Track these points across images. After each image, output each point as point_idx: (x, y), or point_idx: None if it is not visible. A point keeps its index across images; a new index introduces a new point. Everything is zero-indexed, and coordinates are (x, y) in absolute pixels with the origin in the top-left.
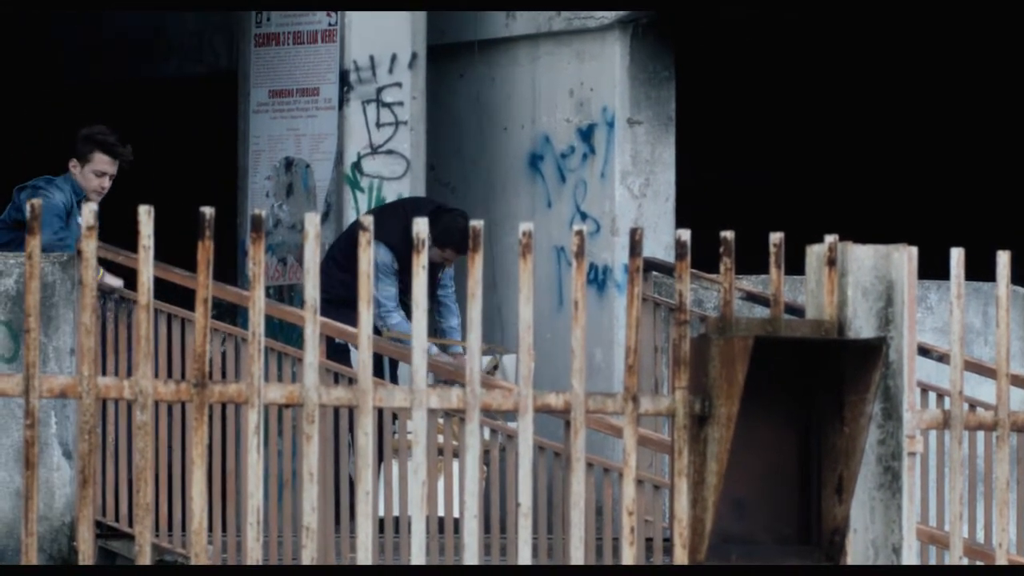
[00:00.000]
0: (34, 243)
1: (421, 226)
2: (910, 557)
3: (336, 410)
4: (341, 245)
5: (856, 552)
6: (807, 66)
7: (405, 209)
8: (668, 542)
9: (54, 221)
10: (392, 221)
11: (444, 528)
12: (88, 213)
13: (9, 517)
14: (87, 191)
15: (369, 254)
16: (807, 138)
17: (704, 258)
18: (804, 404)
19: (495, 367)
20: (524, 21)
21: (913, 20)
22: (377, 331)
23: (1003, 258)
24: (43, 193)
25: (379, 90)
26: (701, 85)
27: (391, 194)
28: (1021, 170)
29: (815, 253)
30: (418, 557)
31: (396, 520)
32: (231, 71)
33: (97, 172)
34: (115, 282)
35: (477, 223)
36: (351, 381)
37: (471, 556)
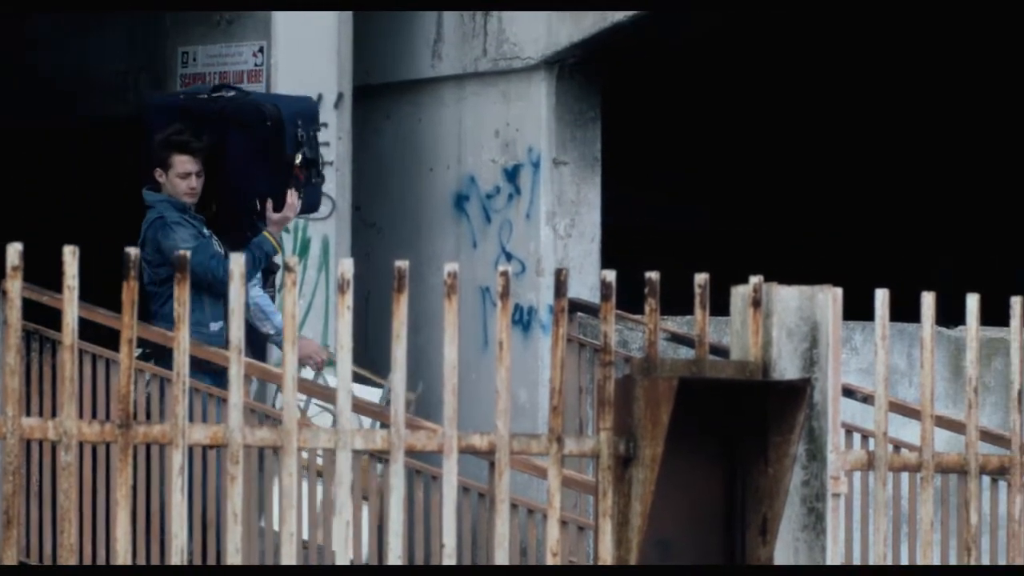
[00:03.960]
0: None
1: (346, 266)
2: None
3: (260, 451)
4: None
5: None
6: (732, 107)
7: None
8: None
9: (206, 257)
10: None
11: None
12: (12, 253)
13: None
14: (178, 196)
15: (294, 295)
16: (733, 180)
17: (629, 299)
18: (729, 445)
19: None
20: (450, 62)
21: (838, 56)
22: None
23: (927, 300)
24: (175, 239)
25: None
26: (628, 126)
27: (316, 234)
28: (944, 212)
29: (740, 294)
30: None
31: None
32: None
33: (181, 175)
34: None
35: (402, 263)
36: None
37: None
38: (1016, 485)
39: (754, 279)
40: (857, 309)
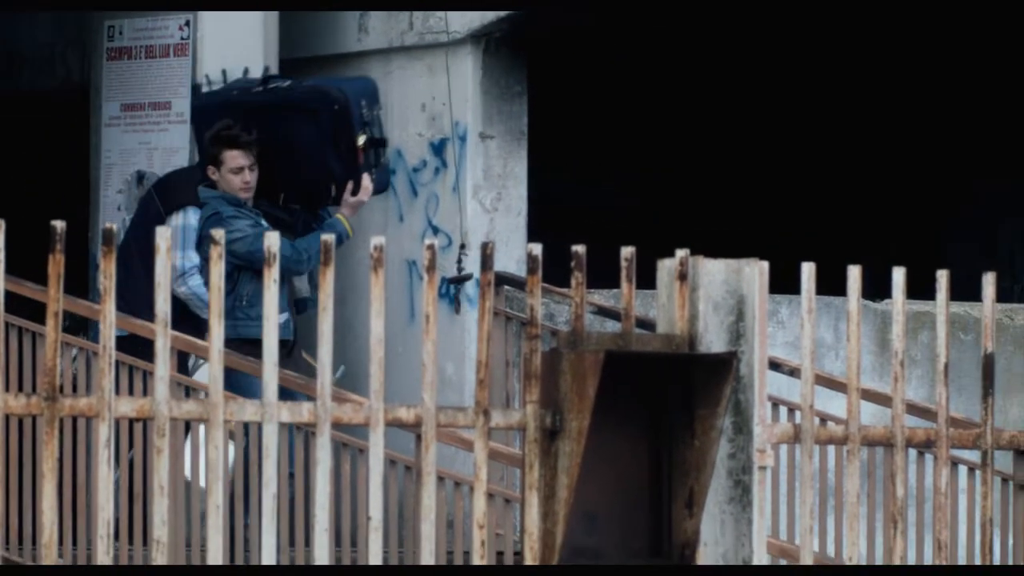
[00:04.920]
0: None
1: (272, 240)
2: None
3: (186, 424)
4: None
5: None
6: (662, 81)
7: (186, 172)
8: (519, 556)
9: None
10: (187, 186)
11: (295, 541)
12: None
13: None
14: (233, 192)
15: (220, 268)
16: (661, 153)
17: (557, 272)
18: (656, 418)
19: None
20: (376, 36)
21: (764, 34)
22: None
23: (854, 272)
24: (233, 231)
25: None
26: (556, 100)
27: None
28: (871, 186)
29: (666, 267)
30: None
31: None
32: (83, 85)
33: (233, 170)
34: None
35: (328, 237)
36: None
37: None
38: (942, 458)
39: (680, 252)
40: (784, 282)
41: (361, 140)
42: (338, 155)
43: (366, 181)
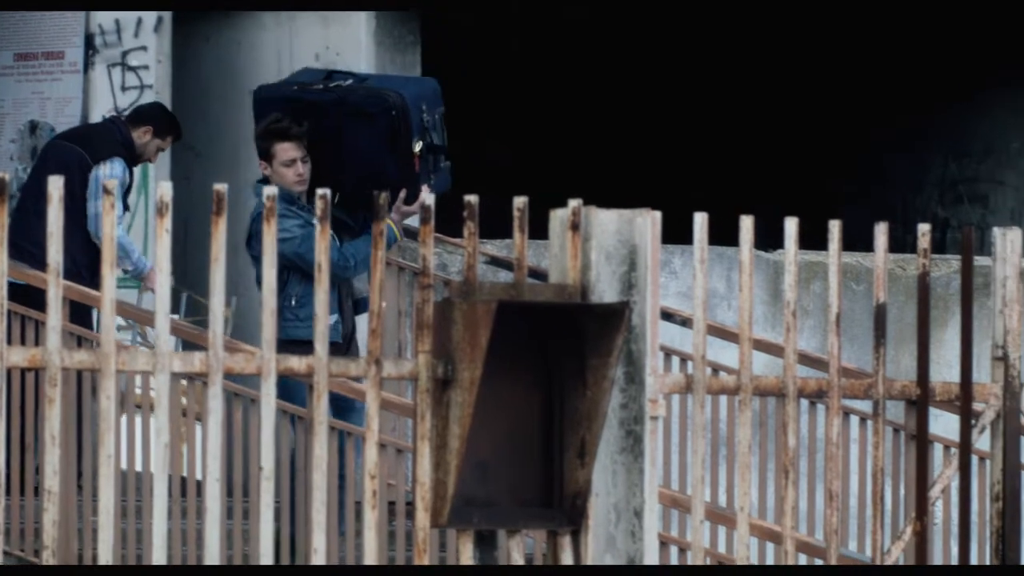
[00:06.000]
0: None
1: (165, 189)
2: (652, 520)
3: (79, 374)
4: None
5: (598, 515)
6: (558, 28)
7: (100, 126)
8: (411, 505)
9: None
10: (110, 138)
11: (187, 491)
12: None
13: None
14: (287, 186)
15: (112, 217)
16: (555, 106)
17: (450, 223)
18: (548, 368)
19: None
20: None
21: None
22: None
23: (746, 223)
24: (279, 231)
25: (124, 54)
26: (450, 51)
27: None
28: (763, 135)
29: (559, 217)
30: (160, 520)
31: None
32: None
33: (285, 163)
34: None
35: (221, 186)
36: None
37: (213, 519)
38: (833, 408)
39: (573, 202)
40: (676, 232)
41: (418, 147)
42: (394, 160)
43: (424, 196)
